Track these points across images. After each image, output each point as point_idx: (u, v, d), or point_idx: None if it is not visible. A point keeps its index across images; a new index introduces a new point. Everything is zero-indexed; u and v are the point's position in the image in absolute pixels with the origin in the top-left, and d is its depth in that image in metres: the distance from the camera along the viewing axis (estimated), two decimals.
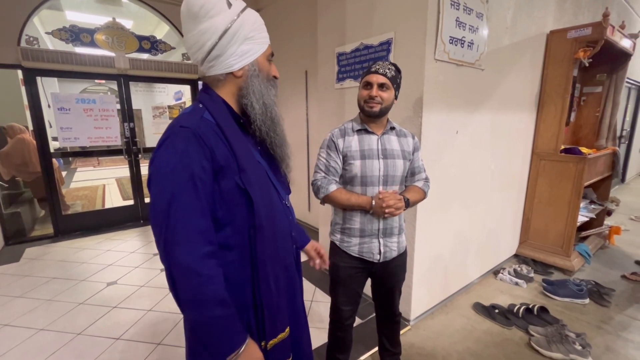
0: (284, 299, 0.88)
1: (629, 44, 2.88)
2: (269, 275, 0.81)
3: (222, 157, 0.74)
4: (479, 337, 2.00)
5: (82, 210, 4.78)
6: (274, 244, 0.83)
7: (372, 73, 1.29)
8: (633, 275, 2.72)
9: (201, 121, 0.75)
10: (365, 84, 1.31)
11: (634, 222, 4.17)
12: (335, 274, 1.43)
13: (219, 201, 0.76)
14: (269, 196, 0.83)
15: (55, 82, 7.91)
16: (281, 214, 0.88)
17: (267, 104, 0.83)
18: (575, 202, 2.68)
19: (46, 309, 2.32)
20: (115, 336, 2.02)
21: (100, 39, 3.64)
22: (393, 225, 1.37)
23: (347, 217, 1.37)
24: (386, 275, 1.44)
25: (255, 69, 0.82)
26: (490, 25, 2.10)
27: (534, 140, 2.90)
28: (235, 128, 0.80)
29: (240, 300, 0.80)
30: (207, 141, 0.73)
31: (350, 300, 1.45)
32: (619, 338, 2.00)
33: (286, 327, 0.88)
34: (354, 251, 1.37)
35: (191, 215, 0.70)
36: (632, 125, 6.41)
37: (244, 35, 0.78)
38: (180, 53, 4.30)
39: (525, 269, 2.73)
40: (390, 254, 1.38)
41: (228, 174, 0.75)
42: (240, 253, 0.80)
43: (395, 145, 1.36)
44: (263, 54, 0.83)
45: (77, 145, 3.80)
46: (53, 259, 3.18)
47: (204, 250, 0.71)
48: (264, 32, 0.84)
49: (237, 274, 0.80)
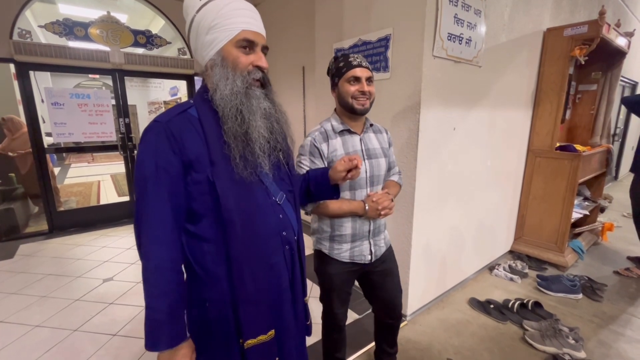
0: (266, 299, 0.85)
1: (624, 42, 2.90)
2: (244, 272, 0.80)
3: (194, 150, 0.76)
4: (474, 331, 2.03)
5: (76, 206, 4.74)
6: (251, 240, 0.81)
7: (356, 67, 1.20)
8: (625, 271, 2.77)
9: (179, 115, 0.78)
10: (351, 79, 1.20)
11: (626, 219, 4.22)
12: (327, 283, 1.38)
13: (194, 192, 0.78)
14: (247, 191, 0.81)
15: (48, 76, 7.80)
16: (266, 211, 0.85)
17: (223, 95, 0.77)
18: (570, 199, 2.71)
19: (41, 306, 2.30)
20: (111, 332, 2.01)
21: (95, 33, 3.59)
22: (380, 224, 1.36)
23: (336, 225, 1.29)
24: (379, 272, 1.39)
25: (218, 59, 0.78)
26: (488, 22, 2.10)
27: (529, 138, 2.93)
28: (213, 122, 0.80)
29: (217, 293, 0.81)
30: (177, 135, 0.75)
31: (343, 302, 1.42)
32: (611, 332, 2.03)
33: (269, 330, 0.85)
34: (345, 257, 1.32)
35: (152, 205, 0.74)
36: (625, 123, 6.48)
37: (207, 25, 0.77)
38: (176, 48, 4.26)
39: (520, 265, 2.76)
40: (379, 251, 1.36)
41: (200, 168, 0.77)
42: (215, 245, 0.80)
43: (375, 143, 1.32)
44: (230, 41, 0.78)
45: (71, 141, 3.76)
46: (48, 255, 3.15)
47: (157, 238, 0.75)
48: (235, 18, 0.77)
49: (213, 265, 0.81)
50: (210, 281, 0.81)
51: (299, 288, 0.97)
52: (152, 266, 0.74)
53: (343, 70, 1.21)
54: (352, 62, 1.21)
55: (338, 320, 1.44)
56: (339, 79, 1.23)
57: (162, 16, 4.02)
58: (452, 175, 2.17)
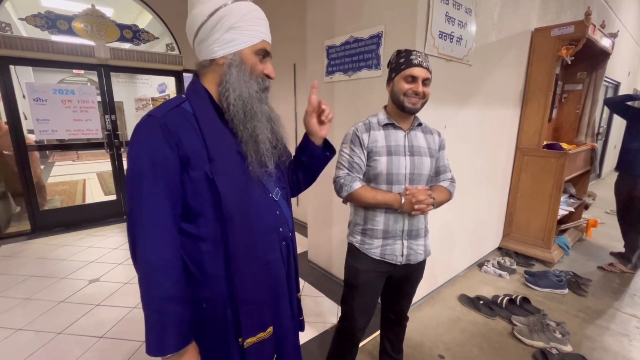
0: (265, 297, 0.84)
1: (609, 43, 2.97)
2: (243, 270, 0.79)
3: (190, 146, 0.75)
4: (464, 327, 2.05)
5: (61, 205, 4.61)
6: (250, 238, 0.80)
7: (415, 66, 1.15)
8: (608, 266, 2.84)
9: (173, 110, 0.76)
10: (408, 77, 1.17)
11: (609, 216, 4.35)
12: (353, 279, 1.32)
13: (189, 190, 0.76)
14: (246, 188, 0.81)
15: (30, 71, 7.55)
16: (265, 208, 0.85)
17: (242, 96, 0.79)
18: (556, 196, 2.77)
19: (24, 308, 2.23)
20: (98, 334, 1.96)
21: (79, 26, 3.49)
22: (419, 227, 1.29)
23: (369, 218, 1.27)
24: (405, 280, 1.36)
25: (237, 60, 0.79)
26: (478, 21, 2.12)
27: (517, 136, 2.97)
28: (213, 119, 0.79)
29: (215, 292, 0.80)
30: (173, 130, 0.73)
31: (366, 309, 1.35)
32: (595, 325, 2.09)
33: (268, 326, 0.84)
34: (375, 254, 1.27)
35: (148, 203, 0.72)
36: (608, 122, 6.67)
37: (230, 23, 0.77)
38: (164, 43, 4.17)
39: (508, 261, 2.81)
40: (415, 257, 1.29)
41: (197, 164, 0.75)
42: (212, 244, 0.78)
43: (422, 142, 1.28)
44: (250, 47, 0.80)
45: (54, 138, 3.64)
46: (30, 256, 3.05)
47: (156, 238, 0.72)
48: (259, 27, 0.81)
49: (210, 265, 0.79)
50: (207, 281, 0.79)
51: (294, 284, 0.98)
52: (155, 268, 0.71)
53: (402, 67, 1.18)
54: (413, 60, 1.17)
55: (356, 329, 1.36)
56: (397, 75, 1.20)
57: (149, 11, 3.93)
58: None
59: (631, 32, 6.14)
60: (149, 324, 0.72)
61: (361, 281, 1.31)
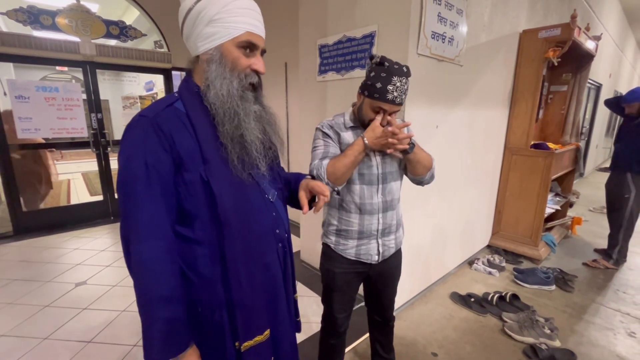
0: (262, 299, 0.83)
1: (593, 46, 3.06)
2: (241, 273, 0.77)
3: (184, 147, 0.72)
4: (456, 325, 2.08)
5: (44, 206, 4.46)
6: (247, 240, 0.78)
7: (388, 102, 1.09)
8: (593, 263, 2.93)
9: (166, 110, 0.73)
10: (376, 108, 1.12)
11: (593, 213, 4.48)
12: (330, 281, 1.33)
13: (184, 193, 0.74)
14: (242, 190, 0.79)
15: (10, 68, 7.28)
16: (261, 209, 0.84)
17: (219, 94, 0.74)
18: (543, 195, 2.84)
19: (7, 313, 2.15)
20: (86, 339, 1.91)
21: (63, 22, 3.38)
22: (392, 224, 1.29)
23: (343, 218, 1.27)
24: (382, 277, 1.36)
25: (217, 55, 0.75)
26: (469, 22, 2.14)
27: (506, 136, 3.03)
28: (204, 118, 0.76)
29: (211, 296, 0.78)
30: (166, 130, 0.71)
31: (345, 306, 1.37)
32: (582, 320, 2.15)
33: (265, 329, 0.83)
34: (350, 254, 1.28)
35: (143, 206, 0.69)
36: (590, 122, 6.87)
37: (209, 16, 0.73)
38: (152, 40, 4.08)
39: (497, 259, 2.86)
40: (388, 252, 1.30)
41: (191, 166, 0.73)
42: (209, 248, 0.77)
43: None
44: (232, 40, 0.75)
45: (37, 137, 3.53)
46: (13, 259, 2.95)
47: (154, 243, 0.70)
48: (241, 17, 0.75)
49: (206, 269, 0.77)
50: (202, 285, 0.77)
51: (290, 285, 0.97)
52: (153, 271, 0.69)
53: (375, 96, 1.10)
54: (388, 95, 1.08)
55: (337, 326, 1.38)
56: (368, 97, 1.13)
57: (136, 6, 3.84)
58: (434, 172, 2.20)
59: (612, 35, 6.34)
60: (149, 329, 0.70)
61: (338, 282, 1.31)
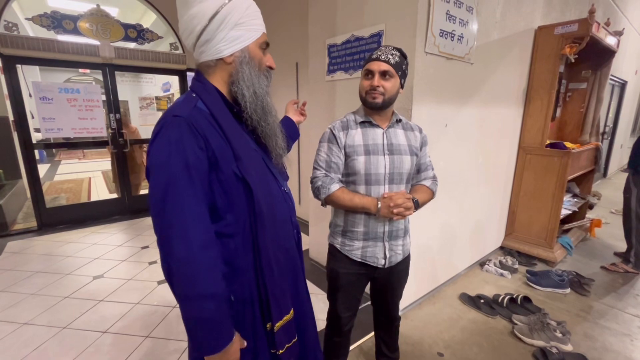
0: (287, 282, 0.89)
1: (614, 41, 2.94)
2: (271, 260, 0.82)
3: (216, 146, 0.75)
4: (464, 326, 2.05)
5: (66, 203, 4.67)
6: (274, 229, 0.84)
7: (373, 60, 1.16)
8: (612, 266, 2.82)
9: (194, 110, 0.75)
10: (366, 73, 1.18)
11: (614, 215, 4.31)
12: (334, 281, 1.33)
13: (217, 190, 0.77)
14: (267, 183, 0.85)
15: (37, 71, 7.64)
16: (280, 200, 0.90)
17: (257, 92, 0.81)
18: (559, 196, 2.75)
19: (30, 303, 2.27)
20: (102, 329, 1.99)
21: (84, 26, 3.53)
22: (399, 227, 1.27)
23: (349, 219, 1.25)
24: (389, 281, 1.35)
25: (246, 56, 0.80)
26: (480, 20, 2.11)
27: (520, 135, 2.96)
28: (229, 117, 0.80)
29: (244, 285, 0.82)
30: (200, 130, 0.73)
31: (350, 306, 1.36)
32: (597, 325, 2.08)
33: (290, 309, 0.89)
34: (356, 255, 1.26)
35: (187, 205, 0.70)
36: (614, 121, 6.59)
37: (234, 20, 0.77)
38: (168, 43, 4.20)
39: (510, 261, 2.80)
40: (395, 258, 1.28)
41: (224, 163, 0.76)
42: (241, 240, 0.80)
43: (402, 139, 1.24)
44: (255, 42, 0.82)
45: (60, 137, 3.70)
46: (36, 252, 3.11)
47: (199, 240, 0.71)
48: (258, 20, 0.83)
49: (240, 260, 0.81)
50: (235, 275, 0.81)
51: (303, 265, 1.03)
52: (201, 267, 0.71)
53: (364, 63, 1.21)
54: (373, 55, 1.17)
55: (341, 325, 1.38)
56: (362, 72, 1.22)
57: (153, 10, 3.96)
58: (444, 172, 2.18)
59: (639, 30, 6.06)
60: (202, 324, 0.72)
61: (342, 283, 1.31)
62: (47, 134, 3.55)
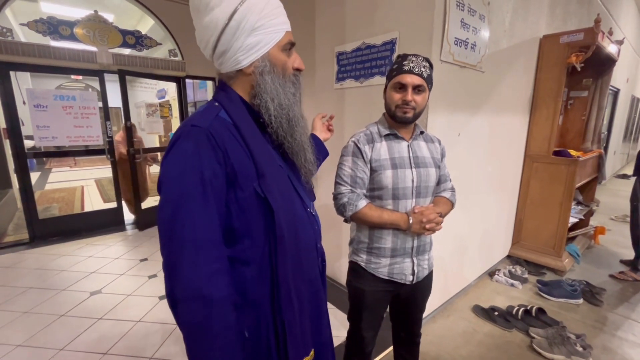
0: (308, 317, 0.79)
1: (615, 50, 2.97)
2: (291, 291, 0.73)
3: (237, 160, 0.67)
4: (481, 340, 2.00)
5: (59, 213, 4.51)
6: (297, 256, 0.74)
7: (406, 72, 1.08)
8: (620, 274, 2.81)
9: (215, 120, 0.68)
10: (397, 85, 1.11)
11: (615, 222, 4.33)
12: (359, 300, 1.27)
13: (235, 210, 0.68)
14: (291, 204, 0.75)
15: (27, 77, 7.46)
16: (305, 223, 0.80)
17: (282, 104, 0.73)
18: (567, 204, 2.74)
19: (23, 322, 2.14)
20: (102, 351, 1.88)
21: (81, 32, 3.44)
22: (426, 242, 1.24)
23: (375, 235, 1.20)
24: (414, 297, 1.30)
25: (267, 64, 0.71)
26: (490, 28, 2.10)
27: (526, 143, 2.95)
28: (254, 128, 0.72)
29: (259, 319, 0.72)
30: (220, 142, 0.65)
31: (374, 325, 1.31)
32: (614, 337, 2.04)
33: (310, 349, 0.79)
34: (383, 273, 1.21)
35: (199, 227, 0.63)
36: (608, 128, 6.70)
37: (251, 25, 0.68)
38: (167, 49, 4.13)
39: (519, 270, 2.76)
40: (422, 273, 1.24)
41: (245, 180, 0.68)
42: (258, 268, 0.71)
43: (425, 152, 1.21)
44: (276, 45, 0.73)
45: (54, 145, 3.57)
46: (29, 267, 2.96)
47: (211, 267, 0.63)
48: (279, 18, 0.73)
49: (255, 291, 0.72)
50: (250, 308, 0.71)
51: (326, 297, 0.93)
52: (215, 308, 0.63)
53: (393, 74, 1.13)
54: (404, 66, 1.09)
55: (364, 346, 1.32)
56: (388, 83, 1.16)
57: (151, 16, 3.89)
58: (455, 181, 2.12)
59: (630, 39, 6.20)
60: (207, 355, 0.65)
61: (368, 302, 1.25)
62: (41, 142, 3.42)
